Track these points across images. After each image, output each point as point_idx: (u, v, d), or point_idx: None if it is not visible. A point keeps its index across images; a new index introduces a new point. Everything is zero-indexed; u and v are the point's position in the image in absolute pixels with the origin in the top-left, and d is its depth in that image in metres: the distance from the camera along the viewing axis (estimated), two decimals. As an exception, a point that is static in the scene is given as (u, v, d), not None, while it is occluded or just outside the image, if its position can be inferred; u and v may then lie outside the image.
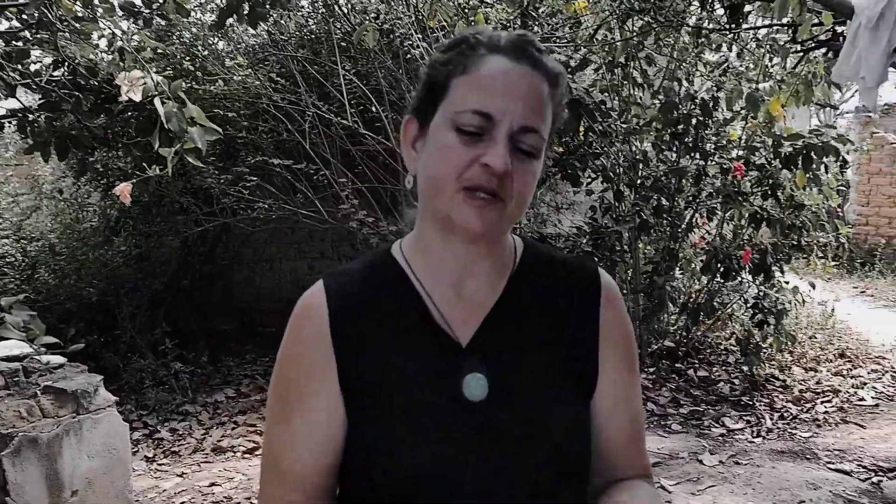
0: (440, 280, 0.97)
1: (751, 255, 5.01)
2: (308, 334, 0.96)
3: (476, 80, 0.90)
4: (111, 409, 3.60)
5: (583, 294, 1.01)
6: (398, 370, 0.93)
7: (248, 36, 5.81)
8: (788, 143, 4.84)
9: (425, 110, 0.94)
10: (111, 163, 5.52)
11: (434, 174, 0.91)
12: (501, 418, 0.91)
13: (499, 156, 0.87)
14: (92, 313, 5.67)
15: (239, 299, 6.90)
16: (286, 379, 0.97)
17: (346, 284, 0.98)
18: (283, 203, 5.58)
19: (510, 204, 0.89)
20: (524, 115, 0.89)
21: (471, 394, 0.91)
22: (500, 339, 0.95)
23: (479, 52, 0.91)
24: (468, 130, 0.88)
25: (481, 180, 0.87)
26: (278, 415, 0.97)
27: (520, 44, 0.92)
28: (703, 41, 5.50)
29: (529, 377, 0.95)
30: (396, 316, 0.96)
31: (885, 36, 2.13)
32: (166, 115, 2.97)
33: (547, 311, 0.99)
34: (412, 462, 0.89)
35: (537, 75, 0.91)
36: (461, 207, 0.88)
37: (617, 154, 5.41)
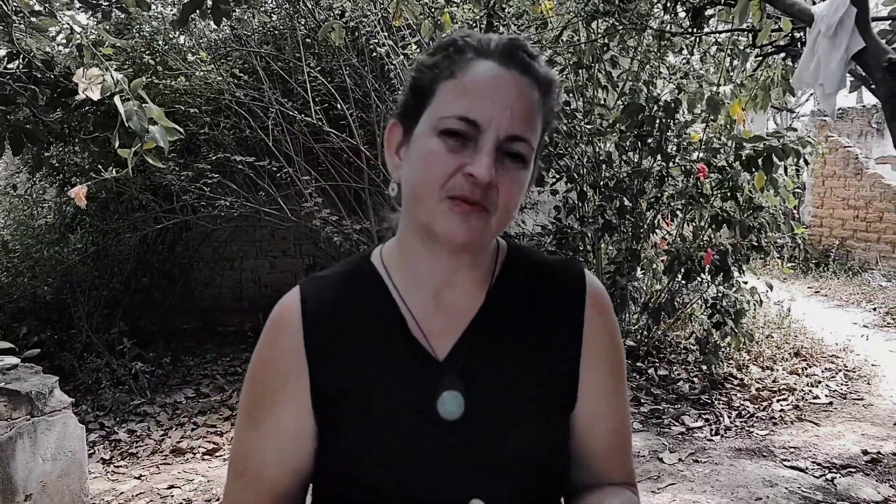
0: (420, 289, 0.94)
1: (711, 257, 5.09)
2: (281, 341, 0.93)
3: (463, 86, 0.86)
4: (67, 411, 3.52)
5: (567, 300, 0.97)
6: (372, 383, 0.91)
7: (210, 31, 5.72)
8: (749, 146, 4.93)
9: (410, 115, 0.91)
10: (67, 158, 5.40)
11: (417, 182, 0.87)
12: (476, 437, 0.88)
13: (483, 166, 0.83)
14: (47, 312, 5.54)
15: (199, 298, 6.80)
16: (258, 384, 0.95)
17: (322, 291, 0.96)
18: (245, 201, 5.51)
19: (495, 214, 0.86)
20: (512, 122, 0.85)
21: (446, 412, 0.89)
22: (479, 352, 0.92)
23: (467, 56, 0.87)
24: (453, 137, 0.85)
25: (465, 190, 0.84)
26: (248, 420, 0.95)
27: (510, 48, 0.88)
28: (667, 44, 5.58)
29: (508, 393, 0.92)
30: (372, 326, 0.93)
31: (843, 44, 2.18)
32: (127, 113, 2.91)
33: (528, 322, 0.95)
34: (383, 479, 0.88)
35: (527, 81, 0.87)
36: (445, 216, 0.85)
37: (581, 155, 5.45)
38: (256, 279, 7.02)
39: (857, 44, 2.17)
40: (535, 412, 0.92)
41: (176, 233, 6.34)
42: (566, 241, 5.49)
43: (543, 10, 5.10)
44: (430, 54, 0.91)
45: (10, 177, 6.12)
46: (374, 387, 0.90)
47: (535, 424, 0.91)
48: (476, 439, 0.88)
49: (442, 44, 0.90)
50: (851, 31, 2.18)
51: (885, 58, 2.05)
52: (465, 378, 0.90)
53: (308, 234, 6.14)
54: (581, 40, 5.27)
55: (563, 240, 5.50)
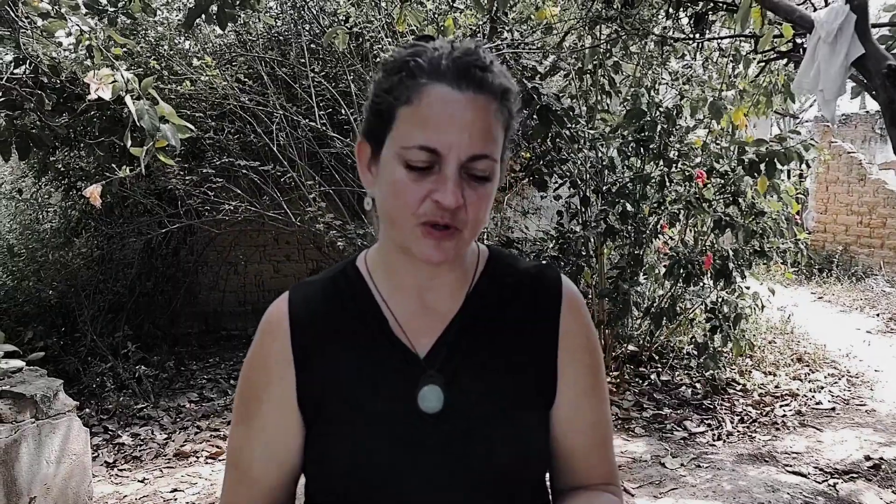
0: (402, 292, 0.99)
1: (712, 261, 5.10)
2: (269, 343, 0.99)
3: (419, 114, 0.87)
4: (71, 414, 3.54)
5: (543, 302, 1.01)
6: (356, 381, 0.95)
7: (215, 36, 5.76)
8: (752, 150, 4.94)
9: (375, 137, 0.93)
10: (73, 162, 5.42)
11: (390, 209, 0.91)
12: (456, 431, 0.92)
13: (449, 193, 0.86)
14: (51, 316, 5.56)
15: (203, 302, 6.82)
16: (247, 384, 1.01)
17: (308, 295, 1.01)
18: (249, 205, 5.54)
19: (466, 231, 0.90)
20: (471, 144, 0.87)
21: (427, 406, 0.93)
22: (458, 350, 0.96)
23: (420, 81, 0.88)
24: (417, 166, 0.87)
25: (436, 216, 0.88)
26: (238, 417, 1.02)
27: (462, 67, 0.88)
28: (669, 50, 5.60)
29: (487, 389, 0.96)
30: (356, 327, 0.98)
31: (843, 50, 2.19)
32: (138, 112, 2.93)
33: (507, 322, 1.00)
34: (367, 472, 0.91)
35: (482, 98, 0.88)
36: (419, 241, 0.89)
37: (584, 160, 5.47)
38: (260, 284, 7.04)
39: (856, 50, 2.18)
40: (513, 406, 0.96)
41: (180, 237, 6.36)
42: (568, 245, 5.49)
43: (546, 15, 5.12)
44: (385, 75, 0.92)
45: (15, 181, 6.15)
46: (358, 384, 0.95)
47: (514, 418, 0.95)
48: (456, 432, 0.92)
49: (395, 65, 0.91)
50: (851, 38, 2.19)
51: (884, 64, 2.06)
52: (445, 374, 0.94)
53: (312, 239, 6.16)
54: (584, 46, 5.29)
55: (565, 245, 5.51)
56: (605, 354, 5.47)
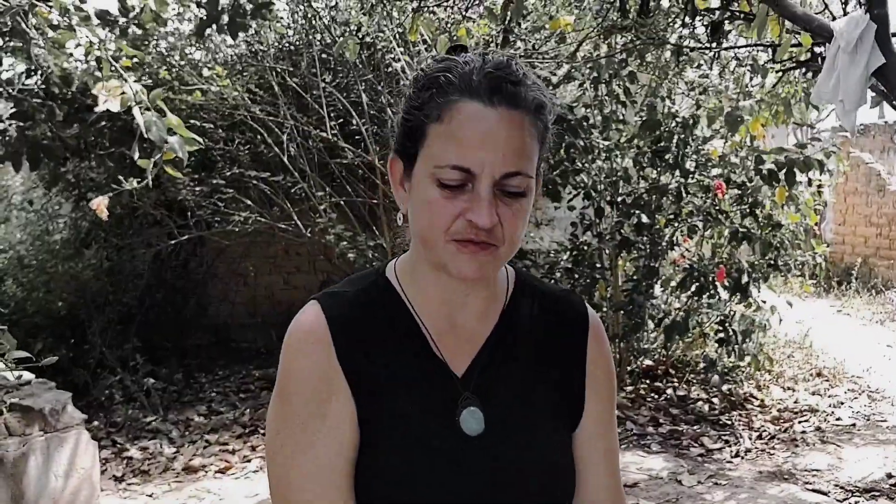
0: (434, 309, 0.97)
1: (727, 274, 5.01)
2: (317, 354, 0.92)
3: (451, 133, 0.86)
4: (80, 428, 3.51)
5: (571, 328, 1.03)
6: (400, 400, 0.93)
7: (226, 46, 5.75)
8: (771, 159, 4.85)
9: (407, 154, 0.92)
10: (83, 173, 5.43)
11: (423, 228, 0.90)
12: (497, 452, 0.92)
13: (484, 213, 0.85)
14: (61, 327, 5.55)
15: (212, 314, 6.79)
16: (303, 400, 0.91)
17: (343, 309, 0.95)
18: (260, 216, 5.51)
19: (502, 246, 0.89)
20: (505, 162, 0.86)
21: (468, 428, 0.92)
22: (493, 372, 0.96)
23: (451, 97, 0.86)
24: (450, 185, 0.86)
25: (470, 234, 0.87)
26: (295, 442, 0.91)
27: (494, 83, 0.86)
28: (685, 59, 5.53)
29: (522, 411, 0.96)
30: (395, 343, 0.95)
31: (863, 60, 2.13)
32: (146, 124, 2.91)
33: (538, 344, 1.00)
34: (411, 493, 0.90)
35: (516, 114, 0.87)
36: (454, 257, 0.88)
37: (599, 171, 5.40)
38: (270, 295, 7.00)
39: (877, 60, 2.11)
40: (548, 429, 0.98)
41: (190, 249, 6.34)
42: (583, 257, 5.42)
43: (560, 25, 5.07)
44: (417, 91, 0.91)
45: (26, 192, 6.16)
46: (402, 403, 0.93)
47: (550, 441, 0.97)
48: (495, 453, 0.92)
49: (426, 81, 0.90)
50: (872, 47, 2.13)
51: (909, 73, 2.00)
52: (482, 395, 0.94)
53: (322, 251, 6.12)
54: (599, 55, 5.23)
55: (579, 256, 5.44)
56: (620, 369, 5.38)
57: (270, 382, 5.73)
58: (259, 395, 5.53)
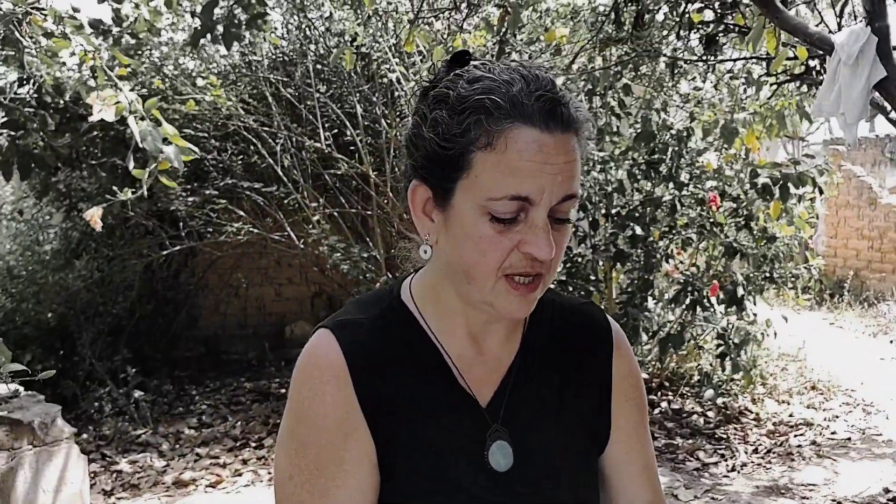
0: (456, 335, 0.92)
1: (721, 287, 5.00)
2: (333, 393, 0.86)
3: (508, 162, 0.79)
4: (69, 441, 3.46)
5: (594, 345, 1.00)
6: (424, 434, 0.88)
7: (220, 56, 5.72)
8: (766, 173, 4.86)
9: (439, 182, 0.85)
10: (75, 183, 5.38)
11: (471, 266, 0.83)
12: (526, 488, 0.89)
13: (543, 244, 0.81)
14: (50, 339, 5.48)
15: (203, 326, 6.73)
16: (319, 442, 0.86)
17: (360, 338, 0.89)
18: (252, 227, 5.47)
19: (549, 276, 0.85)
20: (562, 186, 0.81)
21: (497, 464, 0.89)
22: (520, 400, 0.92)
23: (502, 122, 0.80)
24: (504, 218, 0.81)
25: (525, 267, 0.83)
26: (312, 489, 0.85)
27: (549, 106, 0.81)
28: (680, 72, 5.53)
29: (551, 442, 0.93)
30: (418, 375, 0.90)
31: (865, 73, 2.12)
32: (142, 134, 2.87)
33: (562, 365, 0.97)
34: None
35: (570, 137, 0.82)
36: (504, 297, 0.83)
37: (593, 182, 5.39)
38: (262, 307, 6.95)
39: (878, 73, 2.11)
40: (577, 457, 0.94)
41: (181, 260, 6.29)
42: (577, 269, 5.40)
43: (556, 37, 5.07)
44: (456, 115, 0.82)
45: (16, 202, 6.10)
46: (426, 438, 0.88)
47: (579, 469, 0.94)
48: (524, 490, 0.89)
49: (468, 104, 0.81)
50: (873, 61, 2.12)
51: (911, 87, 1.99)
52: (510, 426, 0.91)
53: (315, 262, 6.08)
54: (595, 67, 5.23)
55: (573, 269, 5.42)
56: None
57: (262, 395, 5.68)
58: (250, 407, 5.46)
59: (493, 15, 4.39)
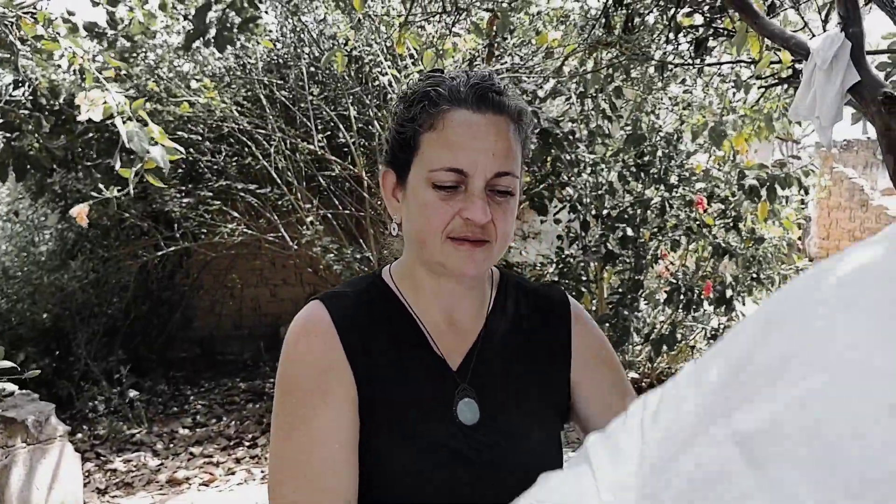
0: (430, 309, 1.04)
1: (712, 288, 5.05)
2: (322, 346, 0.97)
3: (444, 138, 0.94)
4: (63, 439, 3.50)
5: (554, 320, 1.11)
6: (401, 392, 0.98)
7: (214, 59, 5.77)
8: (753, 175, 4.92)
9: (400, 165, 1.00)
10: (70, 184, 5.42)
11: (420, 230, 0.97)
12: (492, 441, 0.98)
13: (478, 209, 0.93)
14: (46, 339, 5.52)
15: (198, 326, 6.78)
16: (306, 381, 0.95)
17: (345, 306, 1.01)
18: (247, 228, 5.51)
19: (495, 243, 0.97)
20: (495, 163, 0.94)
21: (465, 418, 0.98)
22: (486, 365, 1.03)
23: (442, 107, 0.95)
24: (445, 186, 0.94)
25: (466, 231, 0.95)
26: (297, 420, 0.94)
27: (480, 91, 0.95)
28: (669, 75, 5.59)
29: (514, 402, 1.03)
30: (396, 341, 1.01)
31: (839, 77, 2.17)
32: (128, 134, 2.92)
33: (524, 339, 1.08)
34: (416, 482, 0.94)
35: (502, 119, 0.95)
36: (452, 255, 0.96)
37: (584, 184, 5.44)
38: (257, 308, 7.00)
39: (852, 77, 2.16)
40: (536, 417, 1.04)
41: (176, 260, 6.33)
42: (568, 270, 5.45)
43: (547, 40, 5.12)
44: (408, 106, 0.98)
45: (12, 203, 6.14)
46: (403, 395, 0.98)
47: (538, 431, 1.04)
48: (490, 442, 0.98)
49: (417, 96, 0.98)
50: (847, 65, 2.17)
51: (880, 91, 2.04)
52: (476, 387, 1.01)
53: (309, 263, 6.12)
54: (586, 70, 5.28)
55: (564, 269, 5.47)
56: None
57: (256, 395, 5.73)
58: (244, 407, 5.51)
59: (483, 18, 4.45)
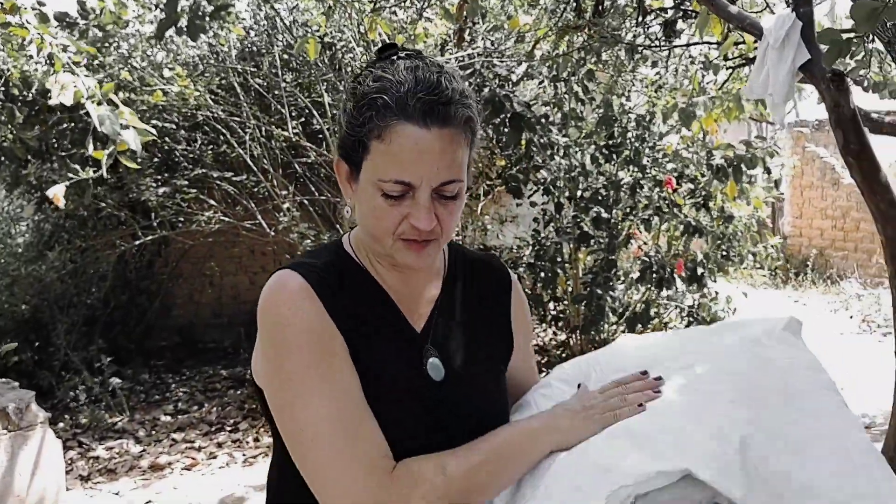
0: (393, 279, 1.12)
1: (684, 266, 5.16)
2: (311, 307, 1.00)
3: (391, 152, 0.97)
4: (44, 426, 3.53)
5: (497, 285, 1.23)
6: (373, 354, 1.04)
7: (187, 47, 5.77)
8: (720, 155, 5.02)
9: (353, 161, 1.04)
10: (45, 175, 5.41)
11: (370, 228, 1.04)
12: (459, 394, 1.08)
13: (423, 218, 0.99)
14: (24, 330, 5.52)
15: (178, 315, 6.79)
16: (315, 340, 0.99)
17: (317, 273, 1.05)
18: (224, 216, 5.54)
19: (442, 238, 1.04)
20: (440, 174, 0.99)
21: (434, 375, 1.08)
22: (445, 328, 1.13)
23: (389, 119, 0.97)
24: (393, 195, 0.99)
25: (413, 234, 1.01)
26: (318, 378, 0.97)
27: (427, 106, 0.97)
28: (640, 57, 5.66)
29: (473, 358, 1.14)
30: (366, 307, 1.08)
31: (790, 56, 2.26)
32: (99, 118, 2.95)
33: (475, 303, 1.19)
34: (395, 433, 1.00)
35: (447, 131, 0.98)
36: (402, 252, 1.03)
37: (558, 167, 5.52)
38: (236, 296, 7.02)
39: (802, 56, 2.25)
40: (493, 369, 1.17)
41: (154, 249, 6.34)
42: (544, 252, 5.54)
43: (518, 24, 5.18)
44: (356, 108, 1.01)
45: (-14, 195, 6.12)
46: (376, 356, 1.05)
47: (495, 378, 1.17)
48: (459, 395, 1.08)
49: (366, 101, 1.00)
50: (798, 44, 2.26)
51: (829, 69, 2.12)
52: (440, 348, 1.11)
53: (287, 249, 6.16)
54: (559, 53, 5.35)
55: (541, 251, 5.56)
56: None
57: (237, 381, 5.77)
58: (225, 393, 5.56)
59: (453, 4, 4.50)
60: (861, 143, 2.16)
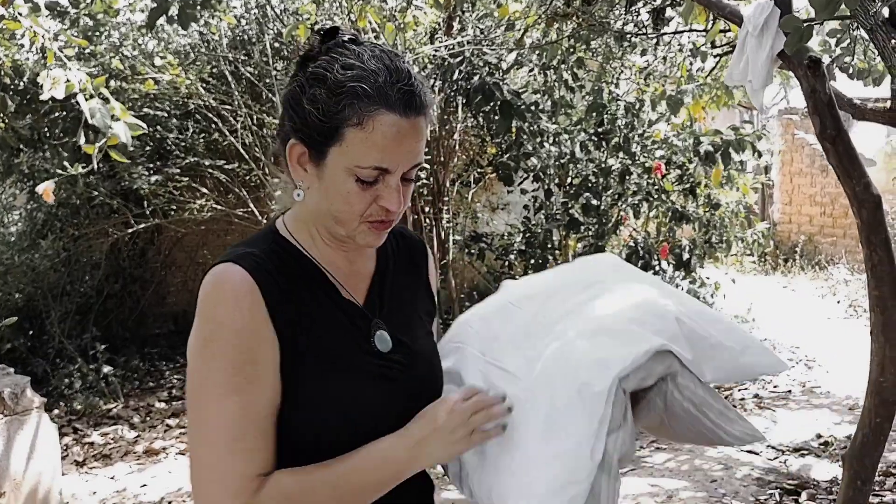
0: (334, 260, 1.15)
1: (671, 251, 5.23)
2: (250, 308, 1.01)
3: (373, 140, 1.01)
4: (39, 411, 3.57)
5: (416, 256, 1.32)
6: (323, 333, 1.09)
7: (179, 36, 5.78)
8: (708, 140, 5.08)
9: (316, 146, 1.04)
10: (38, 164, 5.43)
11: (338, 212, 1.07)
12: (406, 362, 1.15)
13: (395, 200, 1.06)
14: (19, 318, 5.55)
15: (172, 302, 6.83)
16: (240, 348, 1.00)
17: (260, 264, 1.05)
18: (216, 204, 5.57)
19: (397, 217, 1.11)
20: (413, 159, 1.06)
21: (382, 347, 1.14)
22: (384, 300, 1.20)
23: (370, 107, 1.01)
24: (367, 181, 1.04)
25: (381, 216, 1.08)
26: (232, 386, 1.00)
27: (407, 98, 1.02)
28: (628, 45, 5.70)
29: (411, 327, 1.22)
30: (311, 292, 1.10)
31: (769, 43, 2.31)
32: (90, 110, 2.98)
33: (404, 273, 1.27)
34: (354, 408, 1.07)
35: (421, 119, 1.05)
36: (364, 233, 1.09)
37: (548, 154, 5.57)
38: (230, 283, 7.06)
39: (781, 42, 2.29)
40: (427, 338, 1.25)
41: (147, 238, 6.37)
42: (535, 238, 5.60)
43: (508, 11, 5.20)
44: (329, 94, 1.02)
45: (-21, 184, 6.14)
46: (327, 338, 1.09)
47: (430, 343, 1.25)
48: (404, 363, 1.15)
49: (345, 88, 1.01)
50: (776, 32, 2.30)
51: (806, 56, 2.17)
52: (383, 319, 1.17)
53: (280, 237, 6.20)
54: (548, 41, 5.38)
55: (531, 238, 5.62)
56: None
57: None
58: (220, 379, 5.61)
59: (442, -8, 4.53)
60: (837, 128, 2.21)
